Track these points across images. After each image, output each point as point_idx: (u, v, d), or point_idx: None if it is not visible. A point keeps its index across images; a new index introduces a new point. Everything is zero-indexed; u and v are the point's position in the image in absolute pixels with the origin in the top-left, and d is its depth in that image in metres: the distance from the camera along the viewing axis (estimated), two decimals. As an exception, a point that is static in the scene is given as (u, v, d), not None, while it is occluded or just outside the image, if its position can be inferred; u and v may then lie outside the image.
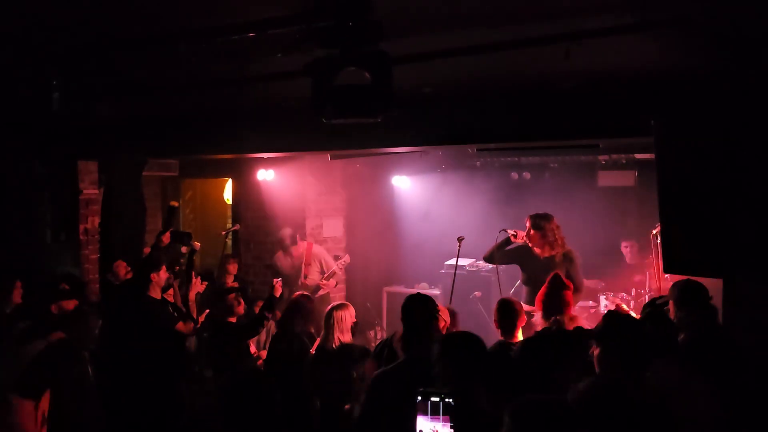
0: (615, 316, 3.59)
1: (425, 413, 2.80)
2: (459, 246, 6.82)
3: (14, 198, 8.22)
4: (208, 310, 6.51)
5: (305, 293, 6.11)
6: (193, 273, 6.57)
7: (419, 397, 2.81)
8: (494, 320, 4.86)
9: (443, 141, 6.30)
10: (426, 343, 3.69)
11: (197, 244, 6.77)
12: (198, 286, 6.49)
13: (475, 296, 8.51)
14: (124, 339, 5.83)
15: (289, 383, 5.20)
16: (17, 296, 6.01)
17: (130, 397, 5.52)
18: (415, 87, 5.39)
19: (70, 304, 5.32)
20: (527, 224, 6.47)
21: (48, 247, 8.21)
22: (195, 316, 6.42)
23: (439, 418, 2.78)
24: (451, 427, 2.75)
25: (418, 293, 4.37)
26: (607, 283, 8.27)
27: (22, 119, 6.82)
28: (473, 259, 8.89)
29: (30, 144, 7.67)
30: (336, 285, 8.74)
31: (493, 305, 4.89)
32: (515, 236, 6.51)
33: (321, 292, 8.25)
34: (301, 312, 5.78)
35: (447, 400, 2.78)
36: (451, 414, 2.76)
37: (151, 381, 5.67)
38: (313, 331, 6.02)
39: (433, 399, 2.80)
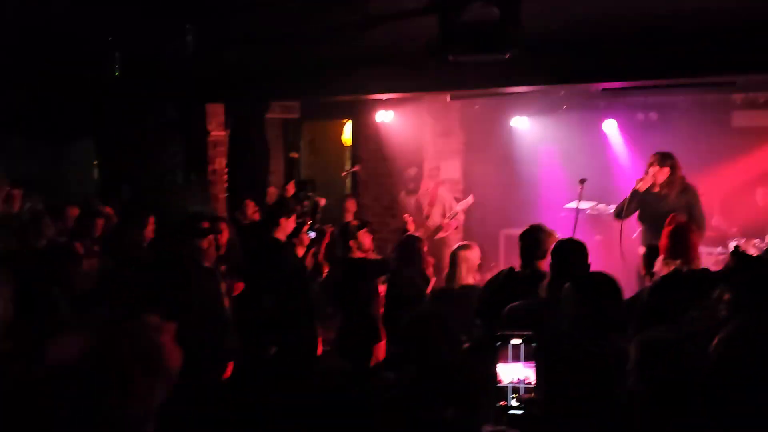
0: (744, 256, 3.41)
1: (506, 359, 2.56)
2: (581, 188, 6.62)
3: (148, 140, 8.69)
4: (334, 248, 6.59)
5: (415, 234, 6.14)
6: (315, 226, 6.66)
7: (498, 342, 2.57)
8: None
9: (568, 80, 6.10)
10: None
11: (322, 200, 6.88)
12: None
13: (596, 240, 8.30)
14: (252, 276, 6.05)
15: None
16: (150, 232, 6.41)
17: (262, 335, 5.72)
18: (542, 24, 5.22)
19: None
20: (651, 161, 6.22)
21: (179, 187, 8.65)
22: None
23: (521, 363, 2.55)
24: (537, 371, 2.54)
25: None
26: (738, 228, 7.88)
27: (156, 64, 7.12)
28: (595, 202, 8.64)
29: (163, 88, 8.02)
30: (456, 228, 8.74)
31: (615, 249, 4.78)
32: (641, 180, 6.25)
33: (440, 234, 8.29)
34: (412, 254, 5.83)
35: (531, 343, 2.56)
36: (537, 358, 2.55)
37: (281, 319, 5.84)
38: (429, 273, 6.06)
39: (514, 342, 2.57)
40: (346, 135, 10.81)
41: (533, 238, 4.50)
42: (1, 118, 8.52)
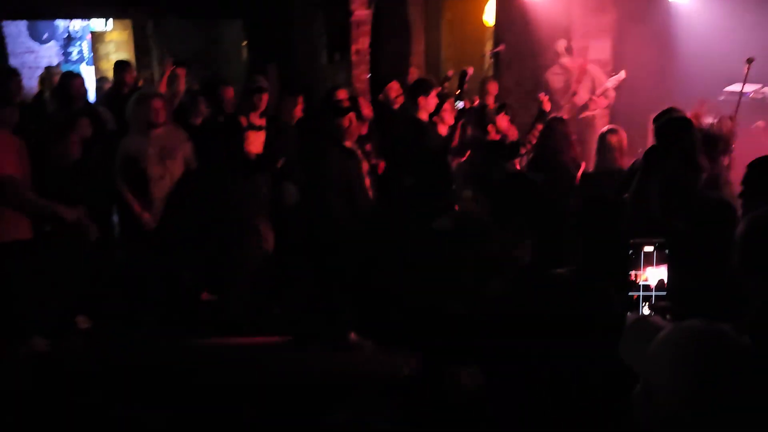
0: None
1: (639, 267, 2.47)
2: (747, 69, 6.09)
3: (293, 21, 8.82)
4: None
5: (559, 116, 5.97)
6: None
7: (630, 251, 2.46)
8: None
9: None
10: None
11: (470, 69, 6.77)
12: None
13: (758, 126, 7.71)
14: (394, 156, 6.16)
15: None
16: (299, 111, 6.60)
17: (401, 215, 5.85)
18: None
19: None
20: None
21: (324, 67, 8.80)
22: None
23: (654, 268, 2.46)
24: (670, 277, 2.45)
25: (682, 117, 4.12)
26: None
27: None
28: (760, 85, 7.95)
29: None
30: (606, 107, 8.37)
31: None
32: None
33: (587, 113, 8.00)
34: (557, 134, 5.69)
35: (663, 250, 2.45)
36: (670, 261, 2.45)
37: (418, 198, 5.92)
38: (577, 156, 5.90)
39: (647, 249, 2.45)
40: (488, 15, 10.44)
41: None
42: (161, 1, 8.91)
